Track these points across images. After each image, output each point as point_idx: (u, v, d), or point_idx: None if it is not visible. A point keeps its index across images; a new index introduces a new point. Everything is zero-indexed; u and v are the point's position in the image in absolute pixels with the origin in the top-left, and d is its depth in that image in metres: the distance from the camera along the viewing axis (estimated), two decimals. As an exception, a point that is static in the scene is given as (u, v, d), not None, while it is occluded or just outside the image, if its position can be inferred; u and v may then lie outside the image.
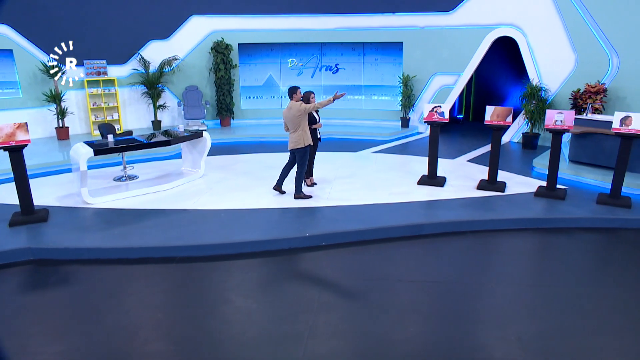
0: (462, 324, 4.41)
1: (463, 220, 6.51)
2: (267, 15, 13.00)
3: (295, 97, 7.10)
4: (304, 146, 7.07)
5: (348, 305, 4.71)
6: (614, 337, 4.14)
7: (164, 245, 5.81)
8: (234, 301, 4.84)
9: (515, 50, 11.57)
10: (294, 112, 6.97)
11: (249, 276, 5.38)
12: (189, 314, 4.60)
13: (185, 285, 5.19)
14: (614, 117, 7.00)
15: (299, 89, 7.16)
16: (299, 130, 7.05)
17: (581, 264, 5.70)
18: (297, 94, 7.12)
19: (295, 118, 6.98)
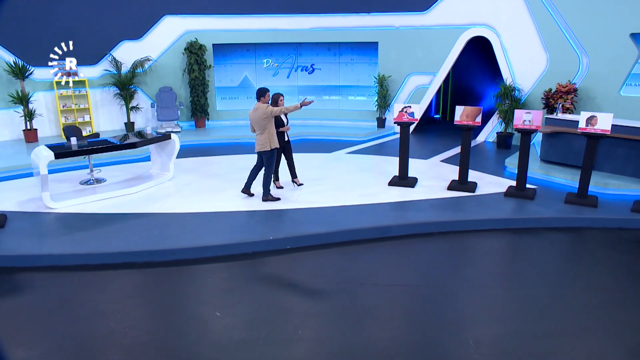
0: (423, 328, 4.36)
1: (431, 222, 6.47)
2: (241, 15, 12.85)
3: (263, 100, 6.98)
4: (270, 149, 6.97)
5: (309, 310, 4.62)
6: (576, 339, 4.12)
7: (125, 251, 5.67)
8: (193, 307, 4.72)
9: (491, 50, 11.60)
10: (260, 114, 6.87)
11: (210, 281, 5.27)
12: (144, 321, 4.48)
13: (143, 292, 5.06)
14: (580, 117, 7.03)
15: (268, 92, 7.04)
16: (265, 132, 6.94)
17: (547, 264, 5.69)
18: (266, 96, 7.00)
19: (261, 120, 6.88)
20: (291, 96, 13.54)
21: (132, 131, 12.21)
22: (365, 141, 11.73)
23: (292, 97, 13.56)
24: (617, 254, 5.84)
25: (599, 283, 5.14)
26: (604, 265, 5.60)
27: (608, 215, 6.74)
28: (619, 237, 6.30)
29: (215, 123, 13.47)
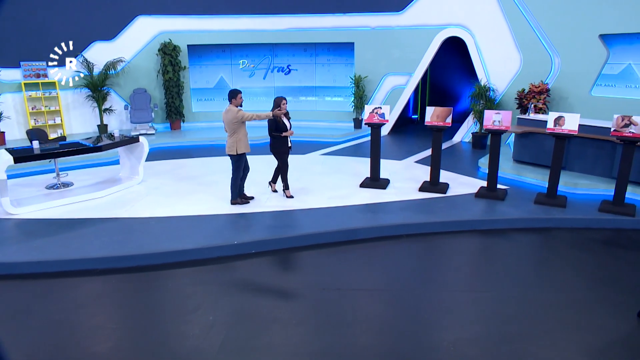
0: (382, 333, 4.29)
1: (399, 224, 6.41)
2: (216, 16, 12.71)
3: (234, 102, 6.81)
4: (236, 153, 6.84)
5: (268, 316, 4.53)
6: (536, 343, 4.08)
7: (84, 257, 5.51)
8: (151, 315, 4.60)
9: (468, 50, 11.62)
10: (230, 117, 6.75)
11: (168, 288, 5.13)
12: (98, 331, 4.34)
13: (101, 300, 4.92)
14: (548, 117, 7.05)
15: (239, 94, 6.85)
16: (234, 136, 6.82)
17: (513, 266, 5.66)
18: (237, 98, 6.81)
19: (231, 124, 6.76)
20: (268, 97, 13.46)
21: (105, 133, 11.99)
22: (341, 142, 11.67)
23: (269, 98, 13.46)
24: (583, 254, 5.85)
25: (563, 284, 5.12)
26: (569, 266, 5.59)
27: (576, 215, 6.76)
28: (586, 237, 6.31)
29: (191, 125, 13.31)
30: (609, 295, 4.82)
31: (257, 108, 13.41)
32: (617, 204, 6.79)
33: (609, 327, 4.26)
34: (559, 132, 6.92)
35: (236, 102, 6.81)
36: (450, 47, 12.09)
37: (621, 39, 9.12)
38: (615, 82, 9.37)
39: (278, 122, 7.06)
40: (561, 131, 6.91)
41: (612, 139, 7.07)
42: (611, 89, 9.45)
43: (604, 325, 4.28)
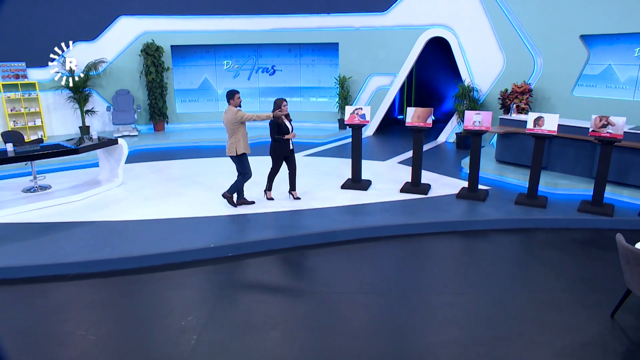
0: (365, 336, 4.24)
1: (379, 226, 6.37)
2: (200, 16, 12.61)
3: (232, 102, 6.68)
4: (236, 154, 6.73)
5: (242, 321, 4.46)
6: (509, 345, 4.06)
7: (56, 262, 5.41)
8: (119, 320, 4.51)
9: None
10: (230, 117, 6.63)
11: (143, 292, 5.04)
12: (67, 338, 4.25)
13: (70, 306, 4.82)
14: (528, 118, 7.05)
15: (237, 94, 6.71)
16: (233, 136, 6.69)
17: (492, 268, 5.64)
18: (235, 98, 6.67)
19: (230, 124, 6.64)
20: (252, 98, 13.38)
21: (87, 135, 11.84)
22: (325, 143, 11.62)
23: (253, 99, 13.40)
24: (561, 255, 5.84)
25: (540, 286, 5.10)
26: (547, 267, 5.58)
27: (555, 215, 6.76)
28: (564, 238, 6.31)
29: (175, 126, 13.19)
30: (585, 296, 4.81)
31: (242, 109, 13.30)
32: (595, 204, 6.81)
33: (583, 328, 4.25)
34: (539, 133, 6.92)
35: (234, 102, 6.68)
36: (435, 47, 12.09)
37: (601, 39, 9.16)
38: (596, 82, 9.42)
39: (280, 125, 6.91)
40: (541, 131, 6.92)
41: (592, 139, 7.08)
42: (592, 89, 9.49)
43: (579, 326, 4.27)
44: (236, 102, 6.70)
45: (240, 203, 7.11)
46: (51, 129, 12.02)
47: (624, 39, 8.81)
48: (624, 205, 7.08)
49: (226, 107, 6.77)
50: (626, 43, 8.81)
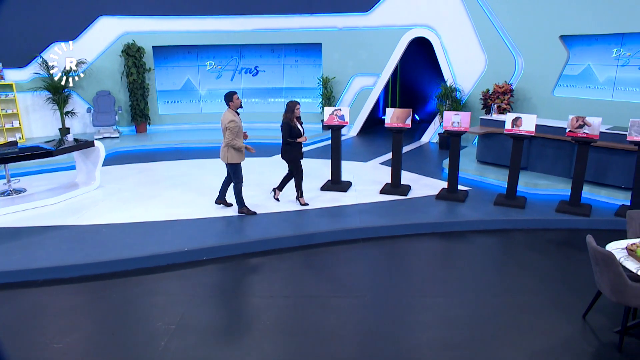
0: (333, 341, 4.18)
1: (356, 228, 6.33)
2: (182, 17, 12.48)
3: (231, 105, 6.38)
4: (226, 162, 6.53)
5: (209, 327, 4.39)
6: (480, 348, 4.03)
7: (27, 268, 5.30)
8: (88, 326, 4.42)
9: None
10: (224, 122, 6.35)
11: (113, 298, 4.95)
12: (31, 345, 4.14)
13: (33, 313, 4.70)
14: (506, 118, 7.05)
15: (234, 95, 6.40)
16: (224, 142, 6.44)
17: (470, 269, 5.62)
18: (234, 100, 6.37)
19: (224, 130, 6.41)
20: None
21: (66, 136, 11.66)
22: (308, 144, 11.55)
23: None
24: (538, 256, 5.84)
25: (516, 287, 5.09)
26: (524, 268, 5.57)
27: (534, 216, 6.77)
28: (542, 239, 6.32)
29: (158, 127, 13.04)
30: (559, 298, 4.80)
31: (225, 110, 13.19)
32: (573, 205, 6.82)
33: (555, 329, 4.24)
34: (516, 133, 6.93)
35: (234, 104, 6.38)
36: (420, 47, 12.08)
37: (580, 40, 9.21)
38: (575, 82, 9.46)
39: (292, 127, 6.75)
40: (518, 132, 6.92)
41: (569, 140, 7.09)
42: (572, 89, 9.54)
43: (551, 328, 4.26)
44: (236, 104, 6.39)
45: (219, 203, 7.03)
46: (30, 131, 11.83)
47: (602, 40, 8.86)
48: (601, 205, 7.10)
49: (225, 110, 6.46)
50: (604, 44, 8.86)
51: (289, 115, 6.73)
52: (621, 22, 8.38)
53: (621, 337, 3.88)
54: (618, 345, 3.88)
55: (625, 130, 6.62)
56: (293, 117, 6.74)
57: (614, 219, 6.57)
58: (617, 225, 6.37)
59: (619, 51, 8.67)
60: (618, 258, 3.95)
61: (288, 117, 6.73)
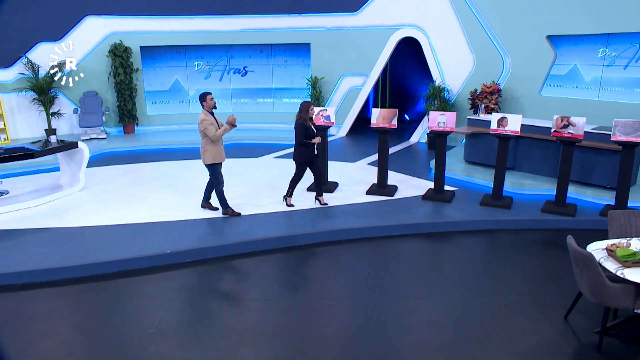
0: (311, 344, 4.14)
1: (340, 229, 6.29)
2: (169, 17, 12.39)
3: (205, 105, 6.34)
4: (205, 163, 6.50)
5: (187, 330, 4.33)
6: (472, 348, 4.00)
7: (4, 272, 5.21)
8: (59, 334, 4.34)
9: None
10: (198, 123, 6.36)
11: (91, 302, 4.87)
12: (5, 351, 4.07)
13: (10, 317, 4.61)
14: (492, 118, 7.04)
15: (209, 95, 6.35)
16: (202, 144, 6.43)
17: (455, 271, 5.61)
18: (207, 100, 6.32)
19: (200, 131, 6.39)
20: (225, 99, 13.22)
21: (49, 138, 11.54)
22: (297, 144, 11.51)
23: (225, 100, 13.23)
24: (523, 257, 5.83)
25: (500, 288, 5.07)
26: (508, 269, 5.56)
27: (519, 216, 6.76)
28: (527, 239, 6.31)
29: (146, 128, 12.94)
30: (542, 298, 4.78)
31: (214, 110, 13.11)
32: (558, 204, 6.82)
33: (536, 331, 4.22)
34: (502, 133, 6.92)
35: (207, 105, 6.35)
36: (410, 47, 12.06)
37: (567, 40, 9.23)
38: (563, 82, 9.48)
39: (308, 128, 6.63)
40: (504, 132, 6.91)
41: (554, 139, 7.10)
42: (559, 89, 9.55)
43: (532, 329, 4.24)
44: (209, 105, 6.36)
45: (205, 207, 6.96)
46: (15, 132, 11.70)
47: (588, 40, 8.88)
48: (587, 204, 7.11)
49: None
50: (590, 44, 8.88)
51: (304, 115, 6.62)
52: (606, 22, 8.40)
53: (601, 338, 3.87)
54: (598, 345, 3.87)
55: (610, 130, 6.62)
56: (307, 117, 6.62)
57: (599, 219, 6.57)
58: (601, 225, 6.34)
59: (604, 51, 8.69)
60: (598, 259, 3.94)
61: (303, 117, 6.61)
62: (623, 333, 4.13)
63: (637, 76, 8.35)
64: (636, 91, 8.36)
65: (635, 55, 8.30)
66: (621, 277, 3.69)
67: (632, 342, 4.02)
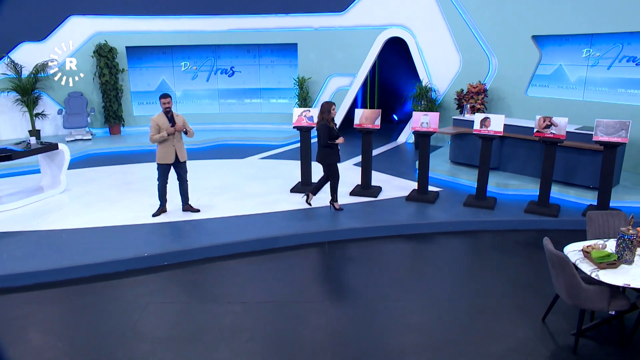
0: (279, 350, 4.08)
1: (322, 231, 6.24)
2: (156, 17, 12.27)
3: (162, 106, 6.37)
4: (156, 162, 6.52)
5: (161, 336, 4.26)
6: (447, 351, 3.96)
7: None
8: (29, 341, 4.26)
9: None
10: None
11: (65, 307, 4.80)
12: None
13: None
14: (475, 119, 7.02)
15: (161, 99, 6.33)
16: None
17: (435, 272, 5.56)
18: (161, 102, 6.33)
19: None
20: (212, 100, 13.14)
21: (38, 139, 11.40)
22: (284, 145, 11.47)
23: (212, 100, 13.16)
24: (505, 258, 5.81)
25: (480, 290, 5.03)
26: (489, 270, 5.53)
27: (502, 217, 6.74)
28: (509, 240, 6.28)
29: (133, 129, 12.81)
30: (521, 300, 4.75)
31: (202, 111, 13.07)
32: (541, 205, 6.81)
33: (513, 333, 4.19)
34: (485, 134, 6.90)
35: (162, 107, 6.36)
36: (398, 47, 12.02)
37: (552, 40, 9.23)
38: (548, 82, 9.48)
39: (331, 129, 6.53)
40: (487, 132, 6.89)
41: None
42: (545, 89, 9.55)
43: (510, 332, 4.21)
44: (162, 107, 6.35)
45: (185, 209, 6.89)
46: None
47: (573, 40, 8.88)
48: (570, 205, 7.10)
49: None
50: (574, 44, 8.88)
51: (326, 116, 6.52)
52: (590, 22, 8.40)
53: (576, 340, 3.84)
54: (573, 347, 3.84)
55: (593, 130, 6.61)
56: (330, 117, 6.54)
57: (582, 219, 6.51)
58: (584, 226, 6.12)
59: (588, 51, 8.70)
60: (574, 260, 3.92)
61: (325, 118, 6.51)
62: (599, 335, 4.10)
63: (620, 76, 8.36)
64: (619, 91, 8.37)
65: (619, 55, 8.31)
66: (596, 279, 3.66)
67: (607, 344, 4.00)
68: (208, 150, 11.08)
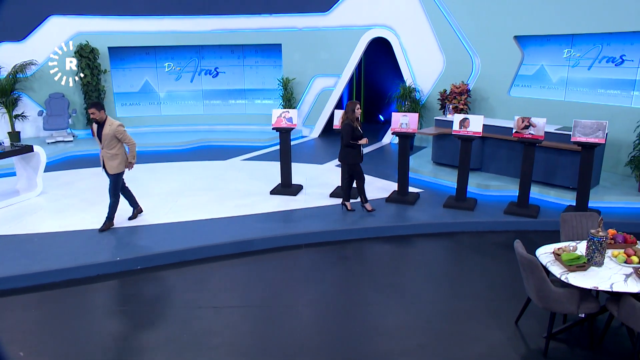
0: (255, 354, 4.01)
1: (299, 233, 6.17)
2: (138, 17, 12.13)
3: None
4: (110, 173, 6.40)
5: (132, 343, 4.17)
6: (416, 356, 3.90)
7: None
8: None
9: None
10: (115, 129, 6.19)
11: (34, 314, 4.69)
12: None
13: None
14: (454, 119, 6.98)
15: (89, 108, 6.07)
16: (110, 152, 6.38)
17: (411, 275, 5.51)
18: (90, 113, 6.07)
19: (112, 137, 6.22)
20: (196, 101, 13.04)
21: (18, 141, 11.25)
22: (267, 146, 11.38)
23: (197, 102, 13.05)
24: (482, 260, 5.77)
25: (455, 293, 4.99)
26: (466, 273, 5.49)
27: (481, 218, 6.71)
28: (488, 241, 6.25)
29: (115, 130, 12.65)
30: (496, 303, 4.71)
31: (186, 112, 12.97)
32: (521, 206, 6.78)
33: (485, 336, 4.14)
34: (464, 134, 6.86)
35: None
36: (384, 47, 11.97)
37: (534, 40, 9.23)
38: (530, 82, 9.48)
39: (355, 129, 6.44)
40: (466, 133, 6.86)
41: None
42: (527, 89, 9.55)
43: (482, 335, 4.17)
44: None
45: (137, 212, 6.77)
46: (-22, 135, 11.38)
47: (554, 40, 8.88)
48: (549, 205, 7.09)
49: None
50: (556, 44, 8.88)
51: (350, 115, 6.44)
52: (570, 23, 8.40)
53: (547, 343, 3.80)
54: (544, 350, 3.80)
55: (572, 130, 6.60)
56: (354, 117, 6.46)
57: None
58: None
59: (569, 52, 8.70)
60: (545, 263, 3.88)
61: (349, 117, 6.43)
62: (570, 337, 4.07)
63: (600, 77, 8.37)
64: (600, 92, 8.38)
65: (599, 55, 8.32)
66: (565, 282, 3.62)
67: (578, 346, 3.97)
68: (191, 152, 10.96)
